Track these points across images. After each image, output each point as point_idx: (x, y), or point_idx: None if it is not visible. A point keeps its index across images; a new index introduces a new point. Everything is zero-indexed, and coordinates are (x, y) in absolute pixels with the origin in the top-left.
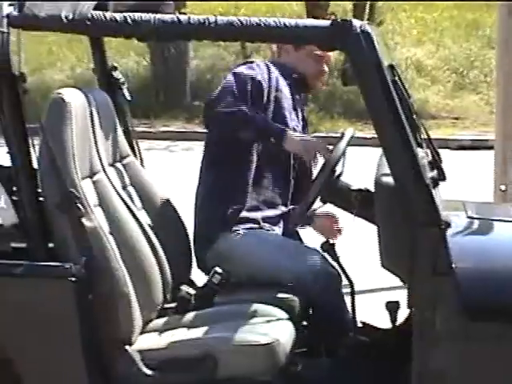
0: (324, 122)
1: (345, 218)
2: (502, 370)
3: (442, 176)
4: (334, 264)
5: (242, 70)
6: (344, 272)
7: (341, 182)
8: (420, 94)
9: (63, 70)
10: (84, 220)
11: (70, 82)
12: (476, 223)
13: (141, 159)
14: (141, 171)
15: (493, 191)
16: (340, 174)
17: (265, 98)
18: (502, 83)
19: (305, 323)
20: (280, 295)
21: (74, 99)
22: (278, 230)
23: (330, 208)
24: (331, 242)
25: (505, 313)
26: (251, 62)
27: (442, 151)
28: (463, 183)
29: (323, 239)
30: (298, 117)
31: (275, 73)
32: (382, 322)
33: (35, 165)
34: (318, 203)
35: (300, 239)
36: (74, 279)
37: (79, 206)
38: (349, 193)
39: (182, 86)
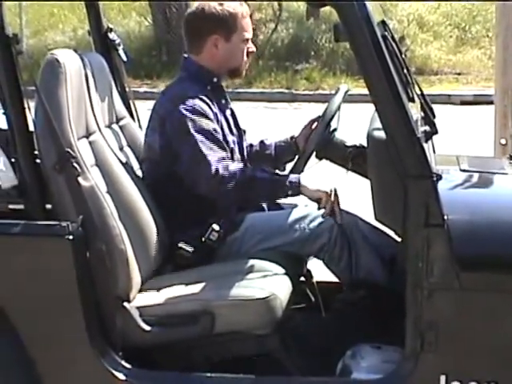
0: (327, 79)
1: (339, 173)
2: (493, 319)
3: (434, 130)
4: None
5: (191, 108)
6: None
7: (335, 138)
8: (422, 50)
9: (65, 32)
10: (81, 179)
11: (71, 44)
12: (469, 176)
13: (138, 120)
14: (137, 132)
15: (493, 145)
16: (335, 130)
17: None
18: (502, 37)
19: (303, 279)
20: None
21: (69, 60)
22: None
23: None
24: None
25: (496, 263)
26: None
27: (444, 107)
28: (466, 138)
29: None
30: (230, 126)
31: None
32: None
33: (32, 127)
34: (313, 159)
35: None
36: (71, 237)
37: (75, 165)
38: (343, 148)
39: (184, 46)
